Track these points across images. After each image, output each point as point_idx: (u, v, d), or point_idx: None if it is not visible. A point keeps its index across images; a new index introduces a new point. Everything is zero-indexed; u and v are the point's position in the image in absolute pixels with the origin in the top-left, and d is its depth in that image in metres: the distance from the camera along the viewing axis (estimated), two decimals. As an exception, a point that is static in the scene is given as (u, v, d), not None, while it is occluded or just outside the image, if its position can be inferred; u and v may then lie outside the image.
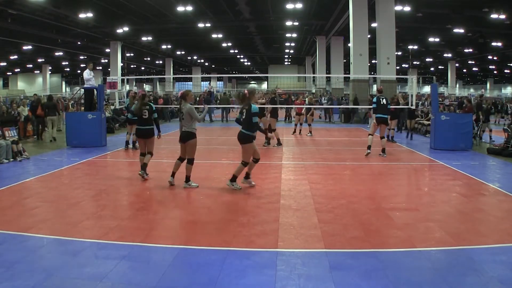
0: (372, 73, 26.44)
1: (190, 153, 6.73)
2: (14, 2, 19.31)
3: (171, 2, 21.44)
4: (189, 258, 4.01)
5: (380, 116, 10.04)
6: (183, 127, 6.73)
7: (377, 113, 10.03)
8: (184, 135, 6.71)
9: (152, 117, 7.36)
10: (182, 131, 6.75)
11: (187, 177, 6.78)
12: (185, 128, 6.70)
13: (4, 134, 9.79)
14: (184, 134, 6.71)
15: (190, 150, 6.72)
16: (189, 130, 6.68)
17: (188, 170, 6.76)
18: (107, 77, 14.60)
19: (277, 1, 22.10)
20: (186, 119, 6.68)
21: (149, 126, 7.36)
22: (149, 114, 7.31)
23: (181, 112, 6.72)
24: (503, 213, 5.54)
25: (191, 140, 6.69)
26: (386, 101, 10.14)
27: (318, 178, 7.58)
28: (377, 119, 10.06)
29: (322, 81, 33.88)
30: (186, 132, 6.70)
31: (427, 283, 3.50)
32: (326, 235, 4.59)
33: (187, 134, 6.69)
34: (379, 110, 9.98)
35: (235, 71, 58.61)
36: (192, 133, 6.70)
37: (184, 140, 6.71)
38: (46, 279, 3.52)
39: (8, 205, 5.75)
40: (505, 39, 28.41)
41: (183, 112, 6.69)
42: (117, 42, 30.28)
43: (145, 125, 7.33)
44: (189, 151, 6.72)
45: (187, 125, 6.69)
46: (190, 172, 6.78)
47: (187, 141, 6.69)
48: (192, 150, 6.73)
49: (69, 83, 61.79)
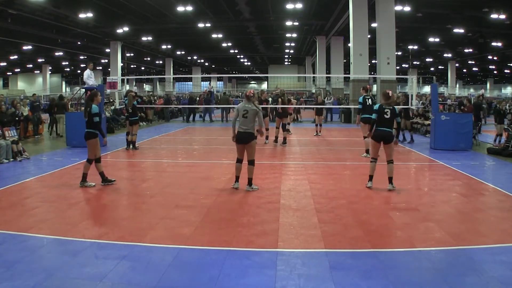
0: (372, 73, 26.43)
1: (251, 154, 6.57)
2: (14, 2, 19.30)
3: (171, 2, 21.44)
4: (189, 258, 4.01)
5: (366, 116, 9.56)
6: (245, 127, 6.47)
7: (363, 113, 9.74)
8: (246, 136, 6.48)
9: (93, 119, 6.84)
10: (243, 131, 6.47)
11: (250, 179, 6.59)
12: (247, 129, 6.47)
13: (4, 134, 9.79)
14: (246, 135, 6.48)
15: (252, 151, 6.57)
16: (251, 131, 6.51)
17: (250, 172, 6.59)
18: (107, 77, 14.62)
19: (277, 1, 22.09)
20: (249, 119, 6.47)
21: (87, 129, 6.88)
22: (88, 116, 6.82)
23: (245, 111, 6.47)
24: (503, 213, 5.54)
25: (252, 141, 6.55)
26: (372, 101, 9.83)
27: (318, 178, 7.58)
28: (363, 120, 9.72)
29: (322, 81, 33.87)
30: (248, 133, 6.49)
31: (427, 283, 3.51)
32: (326, 235, 4.59)
33: (249, 135, 6.50)
34: (365, 111, 9.57)
35: (235, 71, 58.62)
36: (253, 133, 6.54)
37: (246, 141, 6.51)
38: (46, 279, 3.52)
39: (8, 205, 5.76)
40: (505, 39, 28.42)
41: (247, 110, 6.46)
42: (117, 42, 30.27)
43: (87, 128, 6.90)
44: (249, 152, 6.57)
45: (249, 125, 6.49)
46: (252, 174, 6.62)
47: (250, 142, 6.51)
48: (253, 151, 6.59)
49: (69, 83, 61.81)
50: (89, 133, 6.87)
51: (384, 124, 6.70)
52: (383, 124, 6.70)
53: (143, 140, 13.24)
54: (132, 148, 11.06)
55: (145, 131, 16.12)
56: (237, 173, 6.70)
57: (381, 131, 6.69)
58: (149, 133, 15.55)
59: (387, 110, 6.66)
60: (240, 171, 6.69)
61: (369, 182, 6.80)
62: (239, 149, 6.60)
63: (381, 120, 6.70)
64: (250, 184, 6.60)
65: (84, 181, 6.86)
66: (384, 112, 6.67)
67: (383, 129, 6.69)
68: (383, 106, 6.73)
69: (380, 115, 6.70)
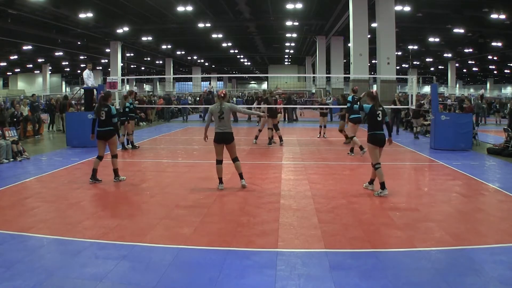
0: (372, 73, 26.44)
1: (234, 153, 6.67)
2: (14, 2, 19.31)
3: (171, 2, 21.45)
4: (189, 258, 4.01)
5: (355, 117, 10.03)
6: (223, 127, 6.53)
7: (353, 114, 9.90)
8: (227, 136, 6.55)
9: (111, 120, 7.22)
10: (222, 132, 6.52)
11: (241, 174, 6.75)
12: (226, 129, 6.54)
13: (4, 134, 9.79)
14: (227, 135, 6.54)
15: (234, 150, 6.68)
16: (230, 131, 6.59)
17: (239, 168, 6.74)
18: (107, 77, 14.62)
19: (277, 1, 22.11)
20: (226, 118, 6.53)
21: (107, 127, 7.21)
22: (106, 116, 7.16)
23: (221, 112, 6.51)
24: (503, 213, 5.53)
25: (233, 140, 6.64)
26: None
27: (318, 178, 7.58)
28: (352, 120, 9.95)
29: (322, 81, 33.89)
30: (228, 133, 6.55)
31: (427, 283, 3.50)
32: (326, 235, 4.59)
33: (229, 135, 6.57)
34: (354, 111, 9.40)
35: (235, 71, 58.64)
36: (232, 133, 6.63)
37: (228, 141, 6.59)
38: (46, 279, 3.52)
39: (8, 205, 5.75)
40: (505, 39, 28.43)
41: (223, 111, 6.51)
42: (117, 42, 30.28)
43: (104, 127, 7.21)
44: (233, 151, 6.66)
45: (227, 125, 6.56)
46: (241, 168, 6.77)
47: (231, 142, 6.60)
48: (235, 150, 6.70)
49: (69, 83, 61.83)
50: (110, 130, 7.22)
51: (379, 127, 6.36)
52: (379, 127, 6.35)
53: (143, 140, 13.24)
54: (132, 148, 11.11)
55: (145, 131, 16.14)
56: (219, 174, 6.72)
57: (379, 135, 6.33)
58: (149, 133, 15.55)
59: (379, 112, 6.36)
60: (222, 172, 6.75)
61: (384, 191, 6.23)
62: (219, 149, 6.65)
63: (376, 122, 6.36)
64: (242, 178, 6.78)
65: (118, 176, 7.28)
66: (376, 114, 6.35)
67: (381, 132, 6.35)
68: (375, 107, 6.39)
69: (373, 118, 6.37)
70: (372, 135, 6.37)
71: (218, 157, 6.66)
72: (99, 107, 7.27)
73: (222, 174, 6.73)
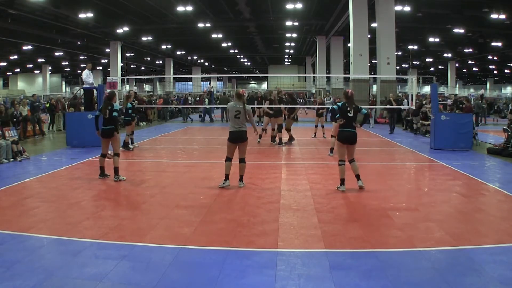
0: (372, 73, 26.44)
1: (243, 153, 6.73)
2: (14, 2, 19.31)
3: (171, 2, 21.45)
4: (189, 258, 4.01)
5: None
6: (238, 126, 6.59)
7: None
8: (242, 135, 6.61)
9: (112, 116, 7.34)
10: (237, 130, 6.58)
11: (242, 176, 6.82)
12: (241, 128, 6.60)
13: (4, 134, 9.79)
14: (242, 134, 6.61)
15: (245, 149, 6.74)
16: (245, 129, 6.64)
17: (243, 170, 6.80)
18: (107, 77, 14.62)
19: (277, 1, 22.10)
20: (242, 118, 6.60)
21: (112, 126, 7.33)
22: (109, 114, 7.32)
23: (238, 111, 6.58)
24: (503, 213, 5.54)
25: (247, 140, 6.70)
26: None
27: (318, 178, 7.58)
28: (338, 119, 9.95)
29: (322, 81, 33.88)
30: (242, 131, 6.61)
31: (427, 283, 3.50)
32: (326, 235, 4.59)
33: (243, 134, 6.62)
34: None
35: (235, 71, 58.63)
36: (246, 131, 6.68)
37: (242, 140, 6.64)
38: (46, 279, 3.52)
39: (8, 205, 5.75)
40: (505, 39, 28.42)
41: (239, 111, 6.58)
42: (117, 42, 30.28)
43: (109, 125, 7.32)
44: (243, 150, 6.72)
45: (242, 124, 6.61)
46: (244, 171, 6.84)
47: (245, 141, 6.67)
48: (245, 149, 6.77)
49: (69, 83, 61.82)
50: (112, 129, 7.31)
51: (349, 125, 6.42)
52: (348, 124, 6.42)
53: (143, 140, 13.24)
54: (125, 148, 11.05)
55: (145, 131, 16.13)
56: (227, 171, 6.76)
57: (346, 132, 6.42)
58: (149, 133, 15.55)
59: (350, 109, 6.42)
60: (230, 169, 6.77)
61: (342, 186, 6.49)
62: (231, 148, 6.70)
63: (346, 119, 6.41)
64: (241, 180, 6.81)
65: (118, 175, 7.31)
66: (347, 110, 6.41)
67: (349, 130, 6.42)
68: (346, 104, 6.46)
69: (344, 114, 6.42)
70: (340, 132, 6.53)
71: (229, 155, 6.71)
72: (105, 106, 7.40)
73: (230, 171, 6.76)
